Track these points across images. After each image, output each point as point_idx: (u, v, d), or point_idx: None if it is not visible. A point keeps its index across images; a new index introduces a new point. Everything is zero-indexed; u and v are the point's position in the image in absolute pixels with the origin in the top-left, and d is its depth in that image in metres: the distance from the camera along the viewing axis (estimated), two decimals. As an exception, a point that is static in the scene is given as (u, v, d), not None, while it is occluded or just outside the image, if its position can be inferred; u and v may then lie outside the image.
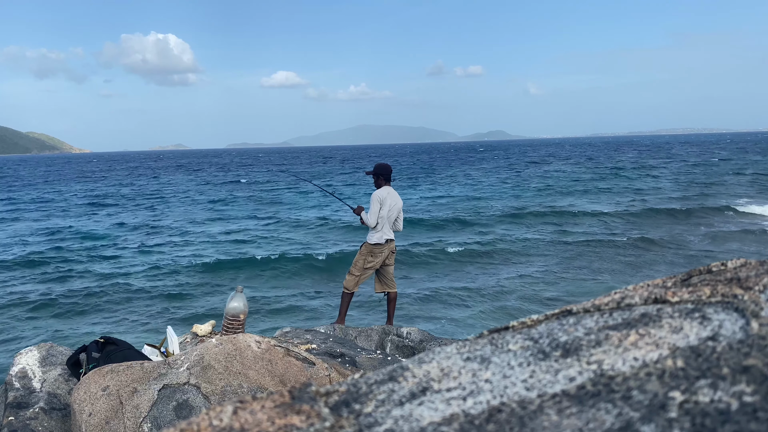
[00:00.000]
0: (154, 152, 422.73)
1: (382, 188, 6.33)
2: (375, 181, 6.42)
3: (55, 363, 4.07)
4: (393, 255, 6.49)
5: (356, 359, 4.61)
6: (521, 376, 0.71)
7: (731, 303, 0.81)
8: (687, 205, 23.99)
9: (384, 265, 6.41)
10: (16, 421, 3.42)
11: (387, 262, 6.42)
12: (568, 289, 12.36)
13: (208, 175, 62.06)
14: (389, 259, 6.43)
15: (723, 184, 32.99)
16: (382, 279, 6.48)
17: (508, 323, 0.93)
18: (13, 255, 17.60)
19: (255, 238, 20.10)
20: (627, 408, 0.60)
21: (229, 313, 4.56)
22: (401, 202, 6.44)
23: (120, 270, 15.38)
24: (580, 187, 33.89)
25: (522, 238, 18.31)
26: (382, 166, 6.44)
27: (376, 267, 6.36)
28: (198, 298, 12.73)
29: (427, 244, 17.46)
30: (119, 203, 33.32)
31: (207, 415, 0.66)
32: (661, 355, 0.70)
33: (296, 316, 11.17)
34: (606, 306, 0.91)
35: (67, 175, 71.09)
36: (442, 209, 26.14)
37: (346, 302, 6.46)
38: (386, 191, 6.31)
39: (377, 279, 6.51)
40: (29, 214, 28.73)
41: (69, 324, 11.04)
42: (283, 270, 14.98)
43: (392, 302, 6.56)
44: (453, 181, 41.48)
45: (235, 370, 3.42)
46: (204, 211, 28.11)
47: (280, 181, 47.12)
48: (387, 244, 6.32)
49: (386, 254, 6.35)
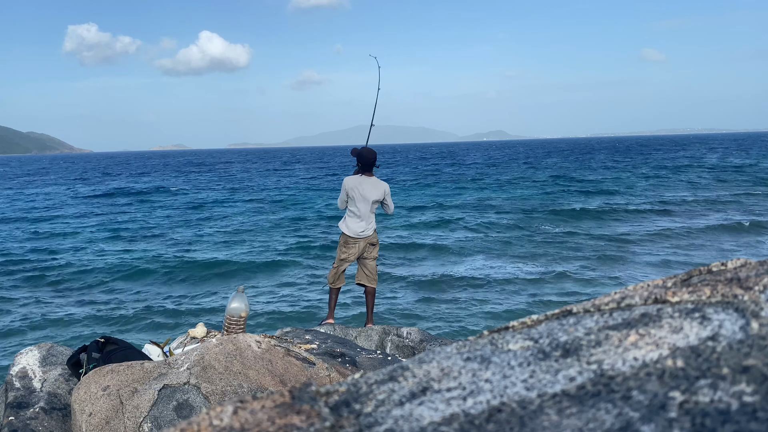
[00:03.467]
0: (154, 152, 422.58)
1: (354, 176, 6.01)
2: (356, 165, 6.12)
3: (55, 363, 4.07)
4: (374, 248, 6.19)
5: (356, 359, 4.61)
6: (521, 376, 0.71)
7: (731, 303, 0.81)
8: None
9: (363, 258, 6.15)
10: (16, 421, 3.42)
11: (366, 256, 6.14)
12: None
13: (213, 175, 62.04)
14: (368, 252, 6.14)
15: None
16: (363, 271, 6.21)
17: (508, 323, 0.93)
18: (13, 254, 17.61)
19: (255, 237, 20.11)
20: (627, 408, 0.60)
21: (231, 313, 4.56)
22: (377, 194, 6.00)
23: (121, 269, 15.38)
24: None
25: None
26: (364, 152, 6.01)
27: (351, 260, 6.11)
28: (198, 298, 12.74)
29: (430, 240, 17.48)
30: (136, 206, 33.32)
31: (207, 414, 0.66)
32: (661, 355, 0.70)
33: (296, 316, 11.17)
34: (606, 306, 0.91)
35: (65, 174, 71.13)
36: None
37: (332, 298, 6.28)
38: (357, 180, 5.97)
39: (359, 269, 6.25)
40: (29, 214, 28.76)
41: (69, 324, 11.04)
42: (283, 269, 14.99)
43: (369, 297, 6.28)
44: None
45: (236, 370, 3.42)
46: (205, 210, 28.14)
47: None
48: (361, 238, 6.06)
49: (362, 247, 6.07)
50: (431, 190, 35.41)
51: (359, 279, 6.28)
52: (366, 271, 6.22)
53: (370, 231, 6.13)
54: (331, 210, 26.12)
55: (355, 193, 5.97)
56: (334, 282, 6.25)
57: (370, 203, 6.01)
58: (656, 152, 75.42)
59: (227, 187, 42.90)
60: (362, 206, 5.98)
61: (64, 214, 28.30)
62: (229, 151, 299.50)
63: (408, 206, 26.65)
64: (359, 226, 6.05)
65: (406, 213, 24.62)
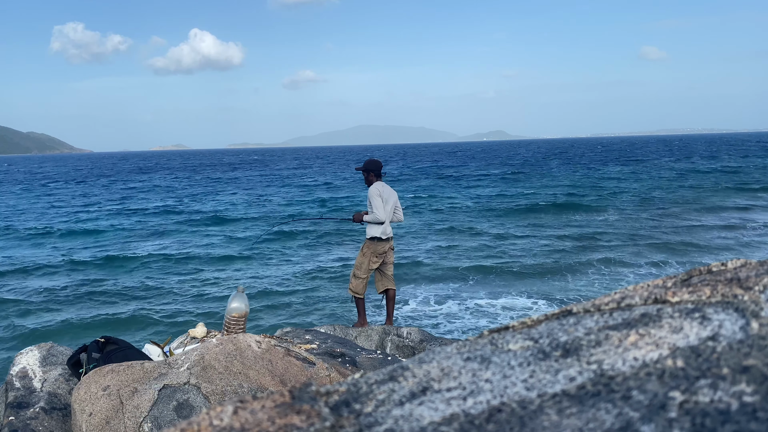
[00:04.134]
0: (154, 152, 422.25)
1: (376, 183, 6.32)
2: (366, 177, 6.40)
3: (55, 363, 4.07)
4: (392, 251, 6.48)
5: (356, 359, 4.61)
6: (521, 376, 0.71)
7: (731, 303, 0.81)
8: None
9: (384, 263, 6.39)
10: (16, 421, 3.42)
11: (387, 260, 6.39)
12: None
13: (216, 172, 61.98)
14: (389, 256, 6.41)
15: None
16: (383, 276, 6.45)
17: (508, 323, 0.93)
18: (12, 254, 17.62)
19: (254, 236, 20.09)
20: (627, 408, 0.60)
21: (231, 313, 4.56)
22: (396, 195, 6.46)
23: (121, 269, 15.38)
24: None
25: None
26: (372, 162, 6.46)
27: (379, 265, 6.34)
28: (196, 298, 12.73)
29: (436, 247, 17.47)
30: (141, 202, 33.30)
31: (207, 414, 0.66)
32: (661, 355, 0.70)
33: (296, 316, 11.17)
34: (606, 306, 0.91)
35: (65, 174, 71.12)
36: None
37: (362, 305, 6.47)
38: (381, 186, 6.31)
39: (377, 277, 6.48)
40: (30, 213, 28.76)
41: (69, 323, 11.04)
42: (281, 270, 14.98)
43: (391, 301, 6.53)
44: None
45: (236, 370, 3.42)
46: (204, 211, 28.13)
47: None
48: (388, 240, 6.31)
49: (387, 250, 6.34)
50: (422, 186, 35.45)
51: (385, 285, 6.47)
52: (386, 276, 6.45)
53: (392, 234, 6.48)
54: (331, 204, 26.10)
55: (385, 196, 6.26)
56: (362, 291, 6.41)
57: (396, 202, 6.40)
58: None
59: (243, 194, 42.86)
60: (390, 207, 6.30)
61: (57, 214, 28.29)
62: (231, 152, 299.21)
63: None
64: (388, 227, 6.32)
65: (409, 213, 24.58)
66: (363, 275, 6.30)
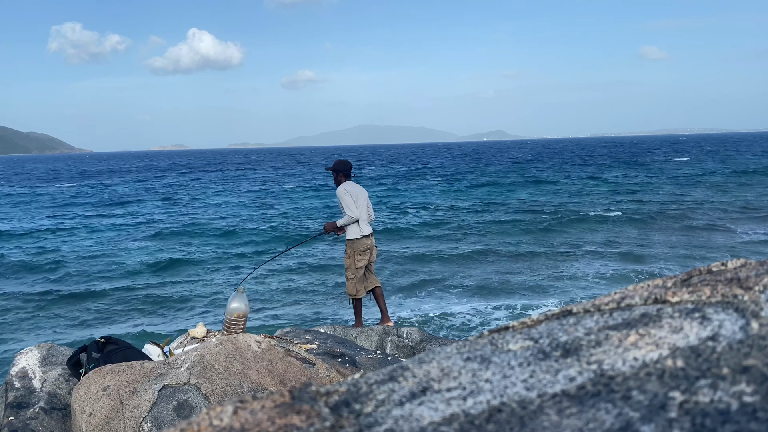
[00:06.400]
0: (155, 152, 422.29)
1: (344, 183, 6.36)
2: (335, 177, 6.45)
3: (55, 363, 4.07)
4: (375, 249, 6.50)
5: (356, 359, 4.60)
6: (521, 376, 0.71)
7: (731, 303, 0.81)
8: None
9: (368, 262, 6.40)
10: (16, 421, 3.42)
11: (370, 259, 6.40)
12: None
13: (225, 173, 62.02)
14: (373, 253, 6.43)
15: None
16: (370, 275, 6.48)
17: (508, 323, 0.93)
18: (11, 253, 17.61)
19: (253, 236, 20.10)
20: (627, 408, 0.60)
21: (230, 314, 4.56)
22: (366, 192, 6.48)
23: (121, 269, 15.38)
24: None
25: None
26: (341, 162, 6.53)
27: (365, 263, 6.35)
28: (196, 298, 12.73)
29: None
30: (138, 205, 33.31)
31: (207, 414, 0.66)
32: (661, 355, 0.70)
33: (296, 316, 11.17)
34: (606, 306, 0.91)
35: (64, 174, 71.11)
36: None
37: (359, 306, 6.49)
38: (349, 185, 6.34)
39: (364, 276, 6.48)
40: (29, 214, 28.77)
41: (69, 324, 11.04)
42: (281, 270, 14.98)
43: (380, 297, 6.54)
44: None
45: (236, 370, 3.42)
46: (206, 210, 28.13)
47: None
48: (369, 237, 6.33)
49: (370, 246, 6.35)
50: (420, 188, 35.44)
51: (372, 283, 6.48)
52: (369, 275, 6.46)
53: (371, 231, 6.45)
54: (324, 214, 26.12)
55: (354, 194, 6.27)
56: (358, 292, 6.41)
57: (367, 200, 6.41)
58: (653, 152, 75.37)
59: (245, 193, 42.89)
60: (361, 207, 6.30)
61: (54, 214, 28.30)
62: (232, 152, 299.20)
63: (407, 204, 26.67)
64: (365, 225, 6.32)
65: (398, 213, 24.60)
66: (352, 275, 6.33)
